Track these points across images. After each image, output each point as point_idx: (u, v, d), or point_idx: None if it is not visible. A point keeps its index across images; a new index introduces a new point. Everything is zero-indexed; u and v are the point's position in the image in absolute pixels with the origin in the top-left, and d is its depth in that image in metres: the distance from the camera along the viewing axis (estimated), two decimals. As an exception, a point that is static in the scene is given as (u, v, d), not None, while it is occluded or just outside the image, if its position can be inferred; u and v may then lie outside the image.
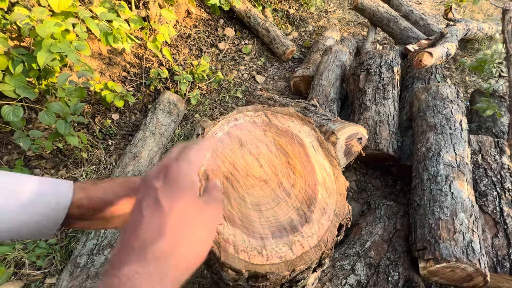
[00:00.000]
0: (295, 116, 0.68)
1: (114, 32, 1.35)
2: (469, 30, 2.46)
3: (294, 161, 0.60)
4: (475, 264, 1.05)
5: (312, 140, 0.65)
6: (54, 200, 0.40)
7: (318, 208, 0.55)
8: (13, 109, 1.22)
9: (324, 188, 0.58)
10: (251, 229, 0.52)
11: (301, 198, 0.56)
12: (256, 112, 0.68)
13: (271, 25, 2.78)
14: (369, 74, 1.89)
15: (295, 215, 0.54)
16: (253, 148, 0.62)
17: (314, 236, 0.52)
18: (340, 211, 0.56)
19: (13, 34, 1.58)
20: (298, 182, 0.58)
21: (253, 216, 0.53)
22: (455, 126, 1.48)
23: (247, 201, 0.55)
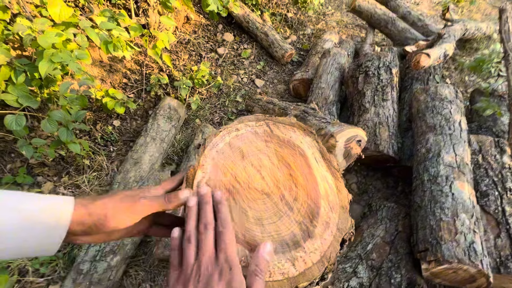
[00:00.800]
0: (297, 126, 0.67)
1: (114, 40, 1.38)
2: (467, 30, 2.47)
3: (296, 173, 0.59)
4: (478, 265, 1.04)
5: (314, 151, 0.64)
6: (55, 217, 0.41)
7: (320, 223, 0.54)
8: (16, 118, 1.24)
9: (326, 201, 0.57)
10: (253, 244, 0.51)
11: (304, 212, 0.55)
12: (257, 122, 0.67)
13: (270, 29, 2.81)
14: (368, 76, 1.90)
15: (298, 230, 0.53)
16: (254, 159, 0.61)
17: (317, 252, 0.51)
18: (343, 226, 0.55)
19: (15, 44, 1.61)
20: (300, 196, 0.57)
21: (256, 231, 0.52)
22: (455, 127, 1.48)
23: (249, 215, 0.54)
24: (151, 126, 1.92)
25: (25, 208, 0.39)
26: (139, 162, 1.73)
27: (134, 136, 2.05)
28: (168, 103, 2.05)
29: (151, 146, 1.82)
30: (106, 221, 0.44)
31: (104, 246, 1.38)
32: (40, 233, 0.40)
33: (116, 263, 1.37)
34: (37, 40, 1.10)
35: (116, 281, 1.37)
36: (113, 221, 0.45)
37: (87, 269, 1.32)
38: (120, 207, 0.46)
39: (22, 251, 0.40)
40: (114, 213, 0.45)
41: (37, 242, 0.40)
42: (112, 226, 0.45)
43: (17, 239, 0.38)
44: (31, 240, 0.40)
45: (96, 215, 0.44)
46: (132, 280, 1.45)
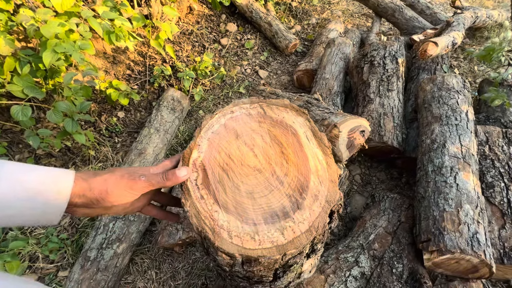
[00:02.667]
0: (290, 107, 0.70)
1: (116, 30, 1.37)
2: (478, 18, 2.39)
3: (287, 151, 0.62)
4: (480, 256, 1.04)
5: (306, 130, 0.66)
6: (56, 189, 0.43)
7: (310, 195, 0.57)
8: (21, 108, 1.26)
9: (316, 176, 0.59)
10: (244, 216, 0.54)
11: (294, 186, 0.58)
12: (251, 104, 0.70)
13: (274, 19, 2.76)
14: (373, 66, 1.87)
15: (287, 202, 0.56)
16: (248, 139, 0.64)
17: (305, 222, 0.54)
18: (331, 198, 0.58)
19: (20, 35, 1.62)
20: (291, 171, 0.60)
21: (247, 203, 0.55)
22: (461, 117, 1.45)
23: (241, 190, 0.57)
24: (155, 117, 1.93)
25: (27, 179, 0.41)
26: (143, 153, 1.75)
27: (138, 127, 2.06)
28: (172, 95, 2.05)
29: (155, 137, 1.84)
30: (107, 196, 0.46)
31: (110, 234, 1.42)
32: (42, 203, 0.42)
33: (122, 250, 1.41)
34: (41, 30, 1.10)
35: (122, 268, 1.41)
36: (113, 196, 0.47)
37: (94, 256, 1.36)
38: (121, 183, 0.47)
39: (24, 219, 0.42)
40: (114, 188, 0.47)
41: (39, 212, 0.42)
42: (112, 201, 0.47)
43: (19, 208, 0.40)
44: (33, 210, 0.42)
45: (97, 189, 0.46)
46: (138, 268, 1.49)
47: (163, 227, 1.50)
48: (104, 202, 0.47)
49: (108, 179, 0.47)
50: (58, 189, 0.43)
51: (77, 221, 1.61)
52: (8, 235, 1.48)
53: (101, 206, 0.47)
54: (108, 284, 1.33)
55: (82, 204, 0.46)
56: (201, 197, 0.56)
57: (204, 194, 0.56)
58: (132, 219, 1.49)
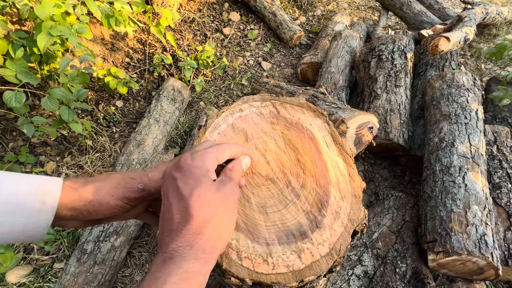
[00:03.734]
0: (306, 107, 0.62)
1: (116, 14, 1.30)
2: (488, 14, 2.33)
3: (304, 158, 0.55)
4: (488, 258, 1.02)
5: (325, 134, 0.58)
6: (39, 201, 0.37)
7: (330, 212, 0.50)
8: (15, 94, 1.20)
9: (337, 189, 0.52)
10: (256, 234, 0.47)
11: (312, 200, 0.51)
12: (263, 102, 0.62)
13: (278, 9, 2.67)
14: (381, 60, 1.81)
15: (305, 220, 0.49)
16: (259, 142, 0.57)
17: (325, 244, 0.47)
18: (355, 216, 0.51)
19: (13, 17, 1.54)
20: (308, 182, 0.52)
21: (258, 219, 0.49)
22: (471, 116, 1.42)
23: (252, 202, 0.50)
24: (155, 108, 1.87)
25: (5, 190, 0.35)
26: (142, 144, 1.70)
27: (137, 118, 2.00)
28: (172, 84, 1.98)
29: (155, 128, 1.78)
30: (100, 207, 0.41)
31: (108, 227, 1.38)
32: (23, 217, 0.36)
33: (120, 243, 1.37)
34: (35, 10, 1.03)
35: (120, 261, 1.38)
36: (107, 208, 0.41)
37: (91, 249, 1.32)
38: (117, 193, 0.42)
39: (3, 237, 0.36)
40: (109, 199, 0.41)
41: (20, 227, 0.36)
42: (106, 213, 0.42)
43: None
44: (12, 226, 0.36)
45: (89, 200, 0.40)
46: (136, 261, 1.46)
47: (162, 221, 1.46)
48: (97, 214, 0.41)
49: (101, 189, 0.41)
50: (42, 201, 0.37)
51: (73, 213, 1.57)
52: (1, 226, 1.43)
53: (93, 219, 0.42)
54: (105, 277, 1.30)
55: (72, 217, 0.40)
56: None
57: None
58: (130, 211, 1.45)
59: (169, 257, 0.33)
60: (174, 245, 0.34)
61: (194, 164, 0.38)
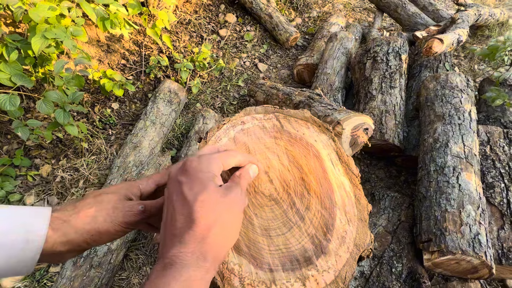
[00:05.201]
0: (311, 122, 0.59)
1: (111, 17, 1.30)
2: (480, 15, 2.36)
3: (309, 178, 0.52)
4: (481, 257, 1.03)
5: (330, 152, 0.56)
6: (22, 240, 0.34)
7: (335, 237, 0.48)
8: (9, 98, 1.19)
9: (343, 212, 0.50)
10: (259, 259, 0.45)
11: (317, 223, 0.49)
12: (266, 114, 0.59)
13: (274, 10, 2.68)
14: (376, 62, 1.83)
15: (310, 244, 0.47)
16: (262, 159, 0.54)
17: (330, 271, 0.45)
18: (361, 241, 0.48)
19: (7, 19, 1.53)
20: (313, 204, 0.50)
21: (262, 243, 0.47)
22: (464, 116, 1.44)
23: (255, 224, 0.48)
24: (151, 110, 1.86)
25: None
26: (139, 146, 1.69)
27: (134, 120, 2.00)
28: (168, 86, 1.98)
29: (151, 130, 1.78)
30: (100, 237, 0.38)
31: (104, 230, 1.37)
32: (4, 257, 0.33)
33: (117, 246, 1.37)
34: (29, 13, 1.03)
35: (116, 264, 1.37)
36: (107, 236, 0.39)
37: (87, 252, 1.31)
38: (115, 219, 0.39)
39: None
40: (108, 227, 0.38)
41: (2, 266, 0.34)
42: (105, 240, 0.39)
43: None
44: None
45: (86, 231, 0.37)
46: (133, 264, 1.45)
47: (159, 223, 1.46)
48: (96, 243, 0.39)
49: (97, 217, 0.38)
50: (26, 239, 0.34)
51: (69, 216, 1.56)
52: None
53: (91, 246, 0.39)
54: (101, 280, 1.29)
55: (69, 251, 0.37)
56: None
57: None
58: (127, 214, 1.45)
59: (169, 264, 0.31)
60: (176, 251, 0.32)
61: (200, 168, 0.37)
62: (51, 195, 1.61)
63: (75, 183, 1.66)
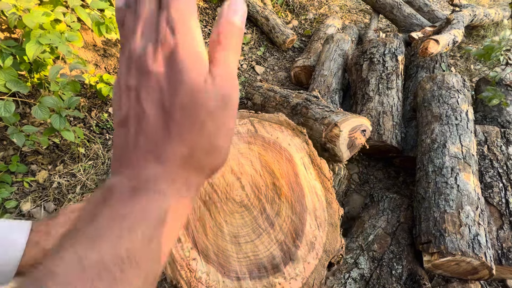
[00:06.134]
0: (285, 125, 0.60)
1: (106, 21, 1.29)
2: (475, 16, 2.38)
3: (280, 182, 0.53)
4: (481, 258, 1.03)
5: (303, 155, 0.57)
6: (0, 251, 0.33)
7: (304, 243, 0.48)
8: (4, 104, 1.18)
9: (313, 216, 0.51)
10: (226, 267, 0.46)
11: (286, 229, 0.49)
12: (241, 119, 0.60)
13: (271, 13, 2.69)
14: (372, 63, 1.84)
15: (278, 251, 0.48)
16: (235, 164, 0.54)
17: (298, 278, 0.46)
18: (331, 247, 0.49)
19: (2, 25, 1.52)
20: (283, 209, 0.51)
21: (231, 250, 0.47)
22: (461, 117, 1.44)
23: (224, 231, 0.48)
24: (148, 114, 1.85)
25: None
26: (136, 150, 1.68)
27: (131, 124, 1.99)
28: (165, 90, 1.97)
29: (148, 134, 1.77)
30: None
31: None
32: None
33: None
34: (23, 19, 1.02)
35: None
36: None
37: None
38: None
39: None
40: None
41: None
42: None
43: None
44: None
45: None
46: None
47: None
48: None
49: None
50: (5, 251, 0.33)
51: (66, 222, 1.54)
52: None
53: None
54: None
55: None
56: (178, 240, 0.46)
57: (182, 236, 0.47)
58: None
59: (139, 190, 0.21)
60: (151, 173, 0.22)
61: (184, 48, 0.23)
62: (47, 201, 1.59)
63: (72, 189, 1.64)
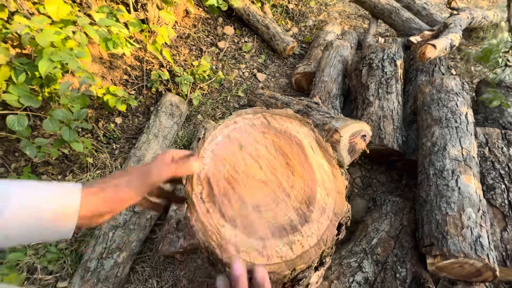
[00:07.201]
0: (293, 117, 0.70)
1: (113, 37, 1.35)
2: (474, 18, 2.40)
3: (293, 162, 0.62)
4: (484, 260, 1.04)
5: (311, 140, 0.66)
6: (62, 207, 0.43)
7: (317, 208, 0.57)
8: (18, 118, 1.24)
9: (323, 187, 0.59)
10: (251, 230, 0.53)
11: (300, 198, 0.57)
12: (255, 114, 0.69)
13: (271, 21, 2.75)
14: (372, 68, 1.87)
15: (295, 215, 0.56)
16: (252, 150, 0.63)
17: (313, 236, 0.54)
18: (339, 210, 0.57)
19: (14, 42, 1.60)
20: (297, 183, 0.59)
21: (253, 217, 0.55)
22: (461, 119, 1.46)
23: (247, 203, 0.56)
24: (153, 123, 1.91)
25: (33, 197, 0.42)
26: (142, 159, 1.73)
27: (137, 133, 2.04)
28: (170, 100, 2.03)
29: (154, 143, 1.82)
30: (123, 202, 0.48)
31: (110, 244, 1.40)
32: (49, 220, 0.43)
33: (123, 259, 1.39)
34: (36, 39, 1.08)
35: (123, 277, 1.39)
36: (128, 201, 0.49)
37: (94, 266, 1.33)
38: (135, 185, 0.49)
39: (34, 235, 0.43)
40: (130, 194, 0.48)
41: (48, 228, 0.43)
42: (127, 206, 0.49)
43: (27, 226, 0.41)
44: (41, 227, 0.42)
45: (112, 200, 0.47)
46: (139, 276, 1.47)
47: (163, 235, 1.48)
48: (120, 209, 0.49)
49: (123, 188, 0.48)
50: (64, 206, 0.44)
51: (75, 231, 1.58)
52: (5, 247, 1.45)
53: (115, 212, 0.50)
54: (108, 294, 1.31)
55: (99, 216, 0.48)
56: (207, 211, 0.55)
57: (210, 208, 0.55)
58: (132, 227, 1.47)
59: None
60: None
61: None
62: (58, 211, 1.64)
63: (81, 198, 1.69)
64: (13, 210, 0.40)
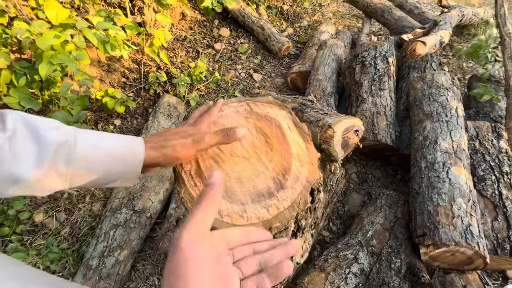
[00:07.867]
0: (274, 103, 0.78)
1: (111, 40, 1.39)
2: (464, 16, 2.45)
3: (272, 140, 0.69)
4: (474, 247, 1.07)
5: (288, 121, 0.74)
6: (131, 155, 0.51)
7: (292, 177, 0.64)
8: (19, 120, 1.26)
9: (297, 160, 0.67)
10: (233, 198, 0.60)
11: (278, 169, 0.65)
12: (239, 103, 0.77)
13: (266, 22, 2.80)
14: (364, 66, 1.91)
15: (272, 184, 0.62)
16: None
17: (288, 199, 0.61)
18: (311, 178, 0.65)
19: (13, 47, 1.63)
20: (275, 157, 0.66)
21: (236, 187, 0.62)
22: (451, 113, 1.50)
23: (230, 176, 0.63)
24: (152, 124, 1.94)
25: (106, 146, 0.49)
26: (142, 159, 1.76)
27: (136, 134, 2.07)
28: (167, 101, 2.06)
29: (153, 144, 1.85)
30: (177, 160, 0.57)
31: (111, 242, 1.43)
32: (121, 167, 0.50)
33: (124, 257, 1.41)
34: (36, 43, 1.12)
35: (124, 275, 1.42)
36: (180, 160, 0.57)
37: (96, 265, 1.36)
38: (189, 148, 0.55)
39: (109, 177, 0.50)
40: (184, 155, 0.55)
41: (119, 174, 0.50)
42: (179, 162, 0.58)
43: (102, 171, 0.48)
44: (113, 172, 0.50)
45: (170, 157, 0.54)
46: (140, 274, 1.49)
47: (163, 233, 1.51)
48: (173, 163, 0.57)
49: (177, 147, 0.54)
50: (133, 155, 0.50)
51: (77, 231, 1.61)
52: (8, 247, 1.47)
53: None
54: (110, 292, 1.33)
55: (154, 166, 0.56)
56: (195, 185, 0.62)
57: (197, 182, 0.62)
58: (133, 226, 1.50)
59: None
60: None
61: None
62: (59, 212, 1.67)
63: (81, 199, 1.72)
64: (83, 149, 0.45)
